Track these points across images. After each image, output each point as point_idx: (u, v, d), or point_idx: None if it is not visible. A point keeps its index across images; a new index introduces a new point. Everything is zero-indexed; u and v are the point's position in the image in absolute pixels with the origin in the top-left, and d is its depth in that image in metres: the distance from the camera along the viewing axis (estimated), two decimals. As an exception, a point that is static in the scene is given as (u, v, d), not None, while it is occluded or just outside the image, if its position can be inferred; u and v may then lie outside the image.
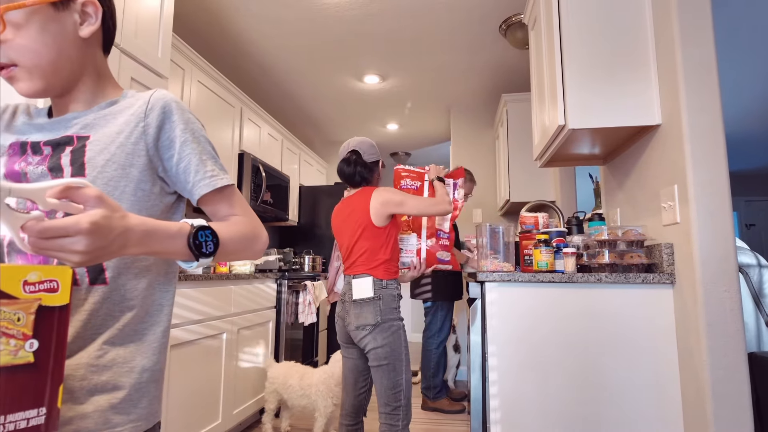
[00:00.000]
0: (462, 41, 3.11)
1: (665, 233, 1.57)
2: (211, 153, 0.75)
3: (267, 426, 2.44)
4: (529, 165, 3.34)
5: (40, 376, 0.49)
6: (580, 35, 1.68)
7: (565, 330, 1.57)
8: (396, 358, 1.59)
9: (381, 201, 1.66)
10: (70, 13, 0.67)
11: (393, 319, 1.62)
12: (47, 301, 0.50)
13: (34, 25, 0.63)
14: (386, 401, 1.59)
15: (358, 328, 1.62)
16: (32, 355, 0.49)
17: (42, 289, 0.50)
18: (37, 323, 0.49)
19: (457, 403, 3.00)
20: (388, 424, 1.58)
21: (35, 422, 0.49)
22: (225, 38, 3.09)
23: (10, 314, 0.47)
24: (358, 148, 1.77)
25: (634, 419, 1.49)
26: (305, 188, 4.42)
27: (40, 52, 0.64)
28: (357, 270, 1.67)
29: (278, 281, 3.03)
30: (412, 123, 4.84)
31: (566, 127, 1.67)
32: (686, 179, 1.41)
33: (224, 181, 0.74)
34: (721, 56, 3.28)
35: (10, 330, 0.47)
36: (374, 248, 1.66)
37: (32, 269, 0.49)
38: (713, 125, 1.40)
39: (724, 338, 1.33)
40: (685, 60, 1.44)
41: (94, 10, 0.69)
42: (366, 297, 1.61)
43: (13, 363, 0.47)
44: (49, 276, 0.50)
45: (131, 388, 0.65)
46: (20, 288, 0.48)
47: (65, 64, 0.68)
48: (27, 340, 0.48)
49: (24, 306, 0.48)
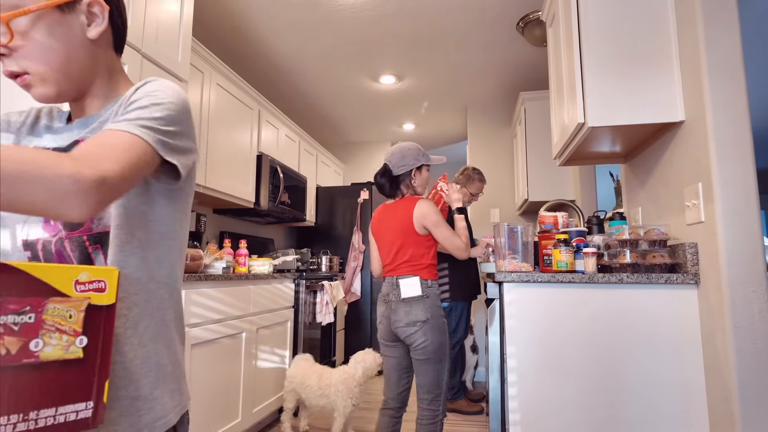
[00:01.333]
0: (478, 40, 3.09)
1: (689, 232, 1.53)
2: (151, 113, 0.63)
3: (286, 425, 2.46)
4: (548, 164, 3.29)
5: (89, 371, 0.52)
6: (599, 31, 1.65)
7: (586, 331, 1.55)
8: (442, 352, 1.71)
9: (422, 213, 1.76)
10: (76, 15, 0.65)
11: (439, 316, 1.73)
12: (96, 300, 0.53)
13: (40, 30, 0.62)
14: (429, 389, 1.71)
15: (408, 325, 1.70)
16: (82, 350, 0.51)
17: (91, 289, 0.52)
18: (86, 321, 0.52)
19: (475, 404, 2.98)
20: (430, 409, 1.71)
21: (83, 415, 0.51)
22: (243, 41, 3.13)
23: (63, 311, 0.50)
24: (387, 161, 1.87)
25: (658, 422, 1.46)
26: (322, 189, 4.45)
27: (49, 58, 0.63)
28: (402, 271, 1.77)
29: (296, 281, 3.05)
30: (429, 123, 4.83)
31: (586, 124, 1.64)
32: (711, 177, 1.37)
33: (122, 126, 0.59)
34: (747, 50, 3.18)
35: (62, 326, 0.50)
36: (419, 253, 1.77)
37: (83, 269, 0.52)
38: (739, 121, 1.36)
39: (753, 340, 1.29)
40: (710, 55, 1.41)
41: (101, 10, 0.67)
42: (415, 295, 1.72)
43: (64, 357, 0.50)
44: (97, 276, 0.53)
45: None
46: (72, 287, 0.51)
47: (76, 67, 0.66)
48: (77, 336, 0.51)
49: (75, 304, 0.51)
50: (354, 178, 5.45)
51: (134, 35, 1.84)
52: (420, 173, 1.88)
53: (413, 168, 1.85)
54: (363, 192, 4.33)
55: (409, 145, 1.86)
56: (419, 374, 1.73)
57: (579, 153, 1.98)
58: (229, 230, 3.41)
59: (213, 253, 2.53)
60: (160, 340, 0.67)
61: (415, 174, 1.87)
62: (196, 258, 2.15)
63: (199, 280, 1.98)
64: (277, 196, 3.37)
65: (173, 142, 0.64)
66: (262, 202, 3.17)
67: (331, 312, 3.29)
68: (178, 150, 0.65)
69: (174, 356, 0.70)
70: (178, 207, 0.71)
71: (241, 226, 3.59)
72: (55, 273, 0.50)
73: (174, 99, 0.66)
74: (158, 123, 0.62)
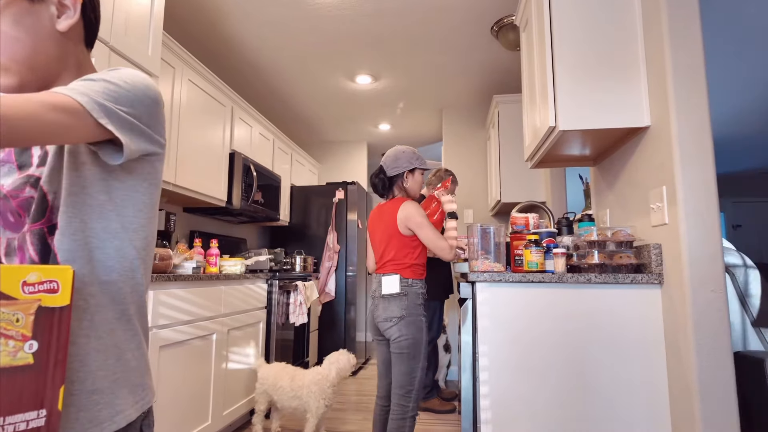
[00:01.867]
0: (454, 42, 3.11)
1: (654, 234, 1.58)
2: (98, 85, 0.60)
3: (257, 427, 2.42)
4: (520, 166, 3.35)
5: (40, 378, 0.49)
6: (571, 37, 1.69)
7: (555, 330, 1.58)
8: (416, 349, 1.77)
9: (405, 214, 1.83)
10: (46, 5, 0.64)
11: (416, 314, 1.80)
12: (47, 301, 0.50)
13: (6, 18, 0.60)
14: (401, 384, 1.76)
15: (386, 320, 1.80)
16: (32, 356, 0.48)
17: (42, 290, 0.49)
18: (36, 324, 0.49)
19: (447, 403, 3.01)
20: (400, 404, 1.76)
21: (35, 424, 0.48)
22: (217, 37, 3.07)
23: (9, 315, 0.47)
24: (383, 163, 1.96)
25: (623, 418, 1.51)
26: (297, 188, 4.41)
27: (14, 49, 0.61)
28: (387, 269, 1.87)
29: (269, 281, 3.01)
30: (405, 123, 4.84)
31: (557, 128, 1.68)
32: (675, 180, 1.42)
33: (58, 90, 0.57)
34: (708, 60, 3.32)
35: (8, 331, 0.47)
36: (402, 253, 1.85)
37: (32, 269, 0.49)
38: (701, 127, 1.42)
39: (712, 338, 1.34)
40: (674, 63, 1.46)
41: (73, 2, 0.66)
42: (393, 292, 1.80)
43: (12, 364, 0.47)
44: (49, 276, 0.50)
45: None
46: (19, 289, 0.48)
47: (41, 59, 0.64)
48: (26, 341, 0.48)
49: (23, 307, 0.48)
50: (329, 177, 5.42)
51: (102, 27, 1.78)
52: (413, 176, 1.95)
53: (406, 170, 1.93)
54: (338, 192, 4.31)
55: (404, 149, 1.96)
56: (394, 368, 1.79)
57: (550, 156, 2.02)
58: (200, 229, 3.33)
59: (183, 252, 2.47)
60: (119, 334, 0.64)
61: (407, 176, 1.94)
62: (165, 258, 2.09)
63: (168, 280, 1.93)
64: (250, 194, 3.32)
65: (118, 111, 0.60)
66: (235, 201, 3.12)
67: (304, 312, 3.26)
68: (126, 124, 0.61)
69: (137, 350, 0.67)
70: (142, 198, 0.69)
71: (212, 225, 3.52)
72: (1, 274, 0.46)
73: (132, 81, 0.63)
74: (103, 94, 0.59)
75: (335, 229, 4.23)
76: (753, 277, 1.67)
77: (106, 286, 0.64)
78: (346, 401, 3.22)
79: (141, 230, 0.70)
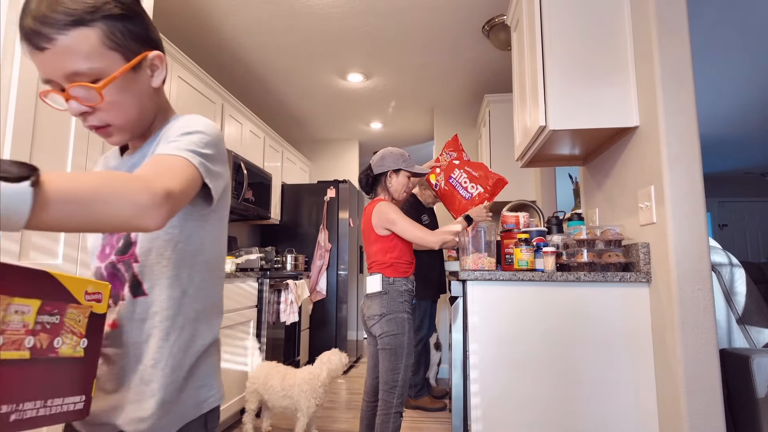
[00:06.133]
0: (445, 41, 3.12)
1: (642, 233, 1.60)
2: (191, 140, 0.70)
3: (248, 426, 2.41)
4: (511, 165, 3.37)
5: (86, 369, 0.61)
6: (561, 38, 1.70)
7: (545, 328, 1.59)
8: (398, 345, 1.78)
9: (378, 214, 1.85)
10: (143, 70, 0.73)
11: (398, 311, 1.81)
12: (96, 309, 0.62)
13: (119, 89, 0.70)
14: (385, 380, 1.78)
15: (369, 318, 1.86)
16: (83, 351, 0.60)
17: (93, 299, 0.61)
18: (89, 326, 0.61)
19: (438, 401, 3.02)
20: (384, 400, 1.78)
21: (78, 407, 0.60)
22: (207, 35, 3.05)
23: (75, 315, 0.59)
24: (372, 161, 1.99)
25: (612, 414, 1.53)
26: (288, 186, 4.39)
27: (127, 113, 0.72)
28: (372, 270, 1.91)
29: (259, 280, 3.00)
30: (396, 122, 4.84)
31: (547, 128, 1.69)
32: (663, 180, 1.44)
33: (171, 151, 0.66)
34: (696, 61, 3.36)
35: (75, 329, 0.59)
36: (381, 252, 1.87)
37: (90, 282, 0.61)
38: (689, 128, 1.44)
39: (698, 335, 1.36)
40: (663, 64, 1.48)
41: (160, 60, 0.75)
42: (374, 291, 1.85)
43: (72, 355, 0.59)
44: (96, 289, 0.62)
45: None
46: (83, 296, 0.60)
47: (147, 114, 0.76)
48: (82, 338, 0.60)
49: (83, 310, 0.60)
50: (320, 175, 5.40)
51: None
52: (396, 176, 1.94)
53: (390, 170, 1.93)
54: (330, 190, 4.30)
55: (393, 150, 1.97)
56: (380, 365, 1.82)
57: (540, 155, 2.03)
58: (190, 228, 3.30)
59: (173, 251, 2.44)
60: (189, 351, 0.74)
61: (391, 175, 1.94)
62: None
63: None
64: (240, 192, 3.30)
65: (211, 165, 0.70)
66: (225, 199, 3.09)
67: (295, 311, 3.25)
68: (213, 174, 0.71)
69: (207, 359, 0.77)
70: (210, 229, 0.78)
71: (202, 223, 3.49)
72: (74, 283, 0.59)
73: (205, 127, 0.74)
74: (198, 147, 0.69)
75: (326, 228, 4.22)
76: (738, 276, 1.70)
77: (179, 309, 0.75)
78: (336, 399, 3.22)
79: (211, 256, 0.81)
